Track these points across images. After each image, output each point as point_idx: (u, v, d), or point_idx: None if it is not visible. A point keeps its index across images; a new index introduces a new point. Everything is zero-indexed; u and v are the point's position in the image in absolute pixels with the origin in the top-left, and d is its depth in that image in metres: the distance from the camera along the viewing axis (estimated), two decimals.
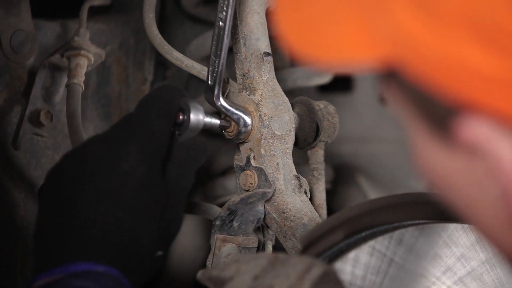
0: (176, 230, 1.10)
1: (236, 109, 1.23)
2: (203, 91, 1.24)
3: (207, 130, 1.21)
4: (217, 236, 1.21)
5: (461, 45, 0.65)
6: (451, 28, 0.65)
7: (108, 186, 1.04)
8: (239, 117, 1.23)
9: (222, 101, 1.22)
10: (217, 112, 1.25)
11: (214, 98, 1.22)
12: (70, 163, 1.07)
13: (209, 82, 1.22)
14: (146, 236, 1.04)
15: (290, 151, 1.27)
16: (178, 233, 1.11)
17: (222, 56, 1.21)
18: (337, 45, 0.70)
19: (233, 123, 1.24)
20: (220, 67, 1.21)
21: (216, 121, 1.22)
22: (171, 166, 1.11)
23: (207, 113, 1.20)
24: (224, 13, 1.20)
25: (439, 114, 0.70)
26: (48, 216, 1.05)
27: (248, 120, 1.24)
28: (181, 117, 1.15)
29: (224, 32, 1.21)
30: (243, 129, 1.24)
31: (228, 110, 1.23)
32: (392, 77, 0.71)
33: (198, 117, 1.15)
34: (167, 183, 1.09)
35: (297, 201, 1.25)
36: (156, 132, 1.08)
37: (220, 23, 1.21)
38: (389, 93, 0.74)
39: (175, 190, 1.10)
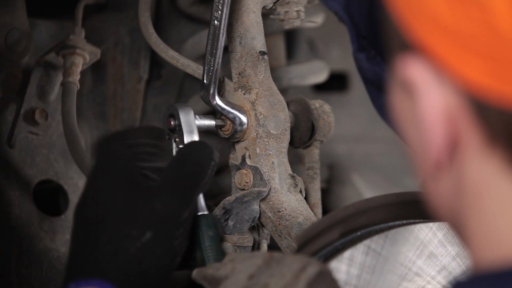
0: (169, 207, 1.06)
1: (232, 108, 1.23)
2: (199, 90, 1.24)
3: (203, 130, 1.21)
4: None
5: None
6: None
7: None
8: (235, 116, 1.23)
9: (218, 100, 1.22)
10: (213, 112, 1.25)
11: (209, 97, 1.21)
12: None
13: (205, 81, 1.22)
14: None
15: (285, 150, 1.27)
16: (183, 207, 1.07)
17: (217, 55, 1.21)
18: None
19: (228, 122, 1.23)
20: (215, 66, 1.21)
21: (210, 121, 1.22)
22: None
23: (200, 114, 1.21)
24: (219, 11, 1.20)
25: (399, 49, 0.72)
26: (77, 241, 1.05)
27: (243, 119, 1.24)
28: (172, 122, 1.16)
29: (219, 31, 1.20)
30: (238, 128, 1.24)
31: (224, 109, 1.23)
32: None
33: (188, 116, 1.16)
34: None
35: (293, 200, 1.25)
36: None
37: (216, 22, 1.21)
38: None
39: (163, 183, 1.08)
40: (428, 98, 0.69)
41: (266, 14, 1.33)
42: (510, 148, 0.68)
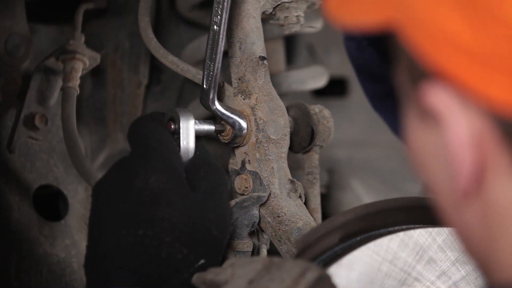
0: (222, 232, 1.10)
1: (232, 113, 1.23)
2: (198, 95, 1.24)
3: (202, 135, 1.21)
4: None
5: (446, 14, 0.65)
6: None
7: (125, 207, 1.05)
8: (235, 121, 1.23)
9: (218, 105, 1.22)
10: (212, 117, 1.25)
11: (209, 102, 1.22)
12: (93, 196, 1.09)
13: (204, 86, 1.22)
14: (173, 249, 1.05)
15: (285, 155, 1.27)
16: (227, 235, 1.12)
17: (217, 60, 1.21)
18: (353, 7, 0.72)
19: (228, 127, 1.24)
20: (215, 71, 1.21)
21: (210, 126, 1.22)
22: (191, 169, 1.12)
23: (201, 119, 1.21)
24: (218, 16, 1.21)
25: (418, 79, 0.70)
26: (87, 251, 1.07)
27: (243, 124, 1.24)
28: (172, 126, 1.16)
29: (219, 36, 1.21)
30: (238, 133, 1.24)
31: (223, 114, 1.23)
32: (392, 40, 0.72)
33: (188, 122, 1.16)
34: (196, 188, 1.10)
35: (292, 205, 1.25)
36: (156, 141, 1.09)
37: (215, 27, 1.21)
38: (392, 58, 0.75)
39: (206, 191, 1.10)
40: (455, 125, 0.67)
41: (265, 19, 1.33)
42: None
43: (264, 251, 1.26)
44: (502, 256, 0.70)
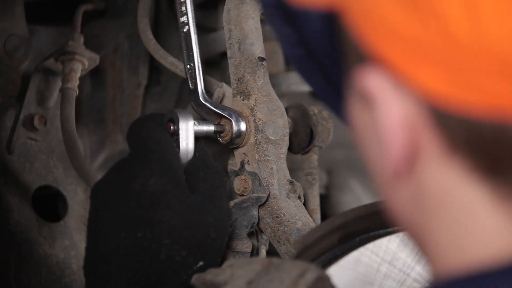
0: (221, 235, 1.11)
1: (223, 109, 1.24)
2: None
3: (202, 136, 1.21)
4: None
5: (388, 2, 0.67)
6: None
7: (123, 209, 1.05)
8: (230, 113, 1.23)
9: (208, 100, 1.23)
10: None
11: (200, 100, 1.22)
12: (92, 198, 1.10)
13: (191, 87, 1.23)
14: (172, 251, 1.05)
15: (284, 156, 1.27)
16: (226, 237, 1.12)
17: (195, 58, 1.22)
18: None
19: (227, 127, 1.23)
20: (196, 70, 1.22)
21: (209, 127, 1.22)
22: (190, 170, 1.12)
23: (200, 120, 1.21)
24: (185, 17, 1.21)
25: (356, 62, 0.72)
26: (86, 253, 1.08)
27: (242, 124, 1.24)
28: (172, 127, 1.16)
29: (190, 37, 1.21)
30: (235, 128, 1.23)
31: (217, 107, 1.23)
32: (336, 20, 0.74)
33: (187, 123, 1.16)
34: (195, 190, 1.10)
35: (291, 206, 1.25)
36: (156, 143, 1.10)
37: (185, 28, 1.22)
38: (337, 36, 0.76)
39: (206, 193, 1.11)
40: (387, 108, 0.69)
41: (265, 20, 1.33)
42: (470, 155, 0.67)
43: (263, 251, 1.26)
44: (437, 241, 0.71)
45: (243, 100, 1.26)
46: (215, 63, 1.70)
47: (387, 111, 0.69)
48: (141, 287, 1.02)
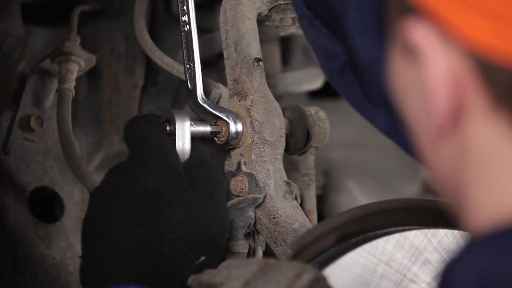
0: (222, 230, 1.12)
1: (221, 110, 1.24)
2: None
3: (198, 137, 1.21)
4: None
5: None
6: None
7: (125, 209, 1.05)
8: (227, 115, 1.23)
9: (206, 101, 1.23)
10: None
11: (198, 100, 1.22)
12: (91, 203, 1.10)
13: (190, 87, 1.23)
14: (174, 246, 1.05)
15: (280, 157, 1.27)
16: (226, 233, 1.14)
17: (195, 59, 1.22)
18: None
19: (224, 128, 1.23)
20: (196, 69, 1.22)
21: (205, 128, 1.22)
22: (189, 169, 1.12)
23: (196, 121, 1.21)
24: (186, 15, 1.21)
25: (404, 13, 0.71)
26: (84, 252, 1.08)
27: (239, 125, 1.24)
28: (168, 127, 1.17)
29: (191, 36, 1.22)
30: (232, 129, 1.23)
31: (214, 108, 1.23)
32: None
33: (184, 123, 1.17)
34: (195, 188, 1.10)
35: (288, 206, 1.25)
36: (155, 144, 1.10)
37: (186, 27, 1.22)
38: None
39: (205, 191, 1.11)
40: (433, 61, 0.68)
41: (261, 20, 1.33)
42: None
43: (259, 252, 1.26)
44: (477, 198, 0.70)
45: (239, 101, 1.26)
46: (212, 64, 1.69)
47: (434, 64, 0.68)
48: (146, 283, 1.03)
